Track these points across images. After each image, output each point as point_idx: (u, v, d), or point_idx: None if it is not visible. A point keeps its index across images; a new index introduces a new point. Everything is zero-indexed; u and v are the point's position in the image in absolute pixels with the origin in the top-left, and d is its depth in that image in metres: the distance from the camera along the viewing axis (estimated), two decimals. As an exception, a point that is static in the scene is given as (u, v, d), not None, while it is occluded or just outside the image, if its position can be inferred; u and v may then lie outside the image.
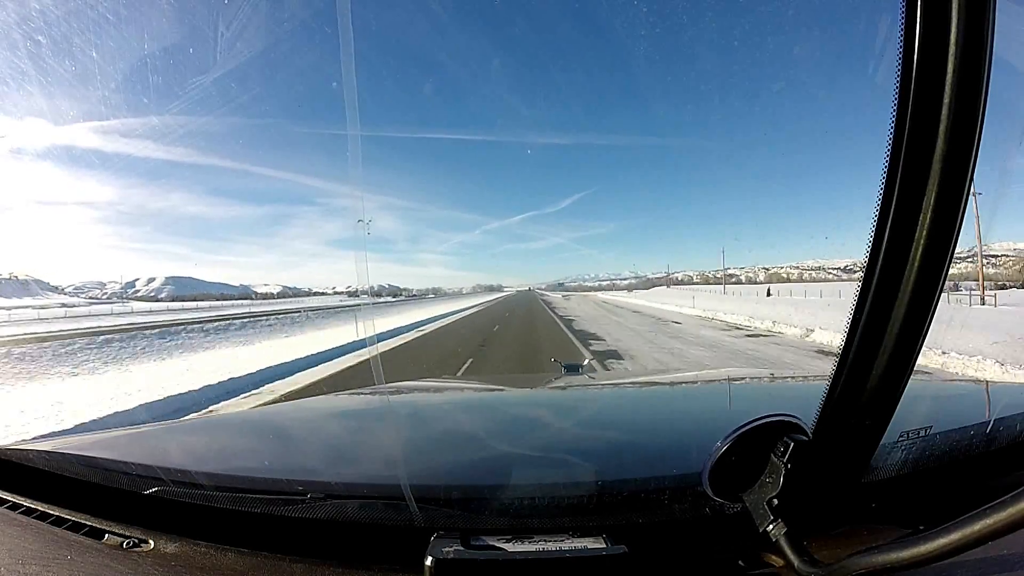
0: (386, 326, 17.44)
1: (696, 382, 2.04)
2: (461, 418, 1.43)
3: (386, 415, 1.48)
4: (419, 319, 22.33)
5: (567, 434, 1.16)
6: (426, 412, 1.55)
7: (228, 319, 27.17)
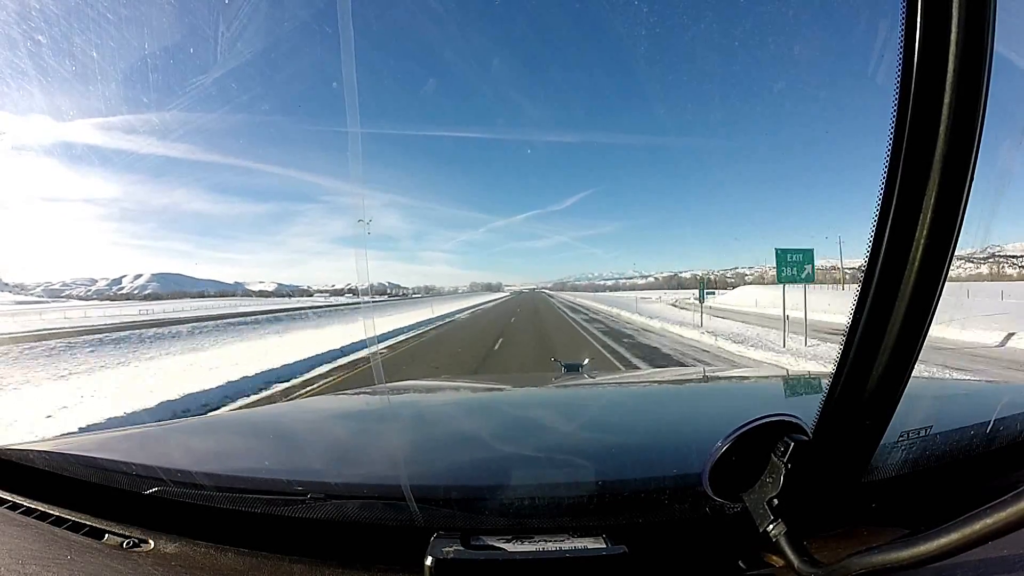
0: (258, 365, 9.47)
1: (696, 382, 2.04)
2: (461, 418, 1.43)
3: (386, 415, 1.48)
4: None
5: (567, 434, 1.16)
6: (426, 412, 1.55)
7: (142, 326, 20.41)
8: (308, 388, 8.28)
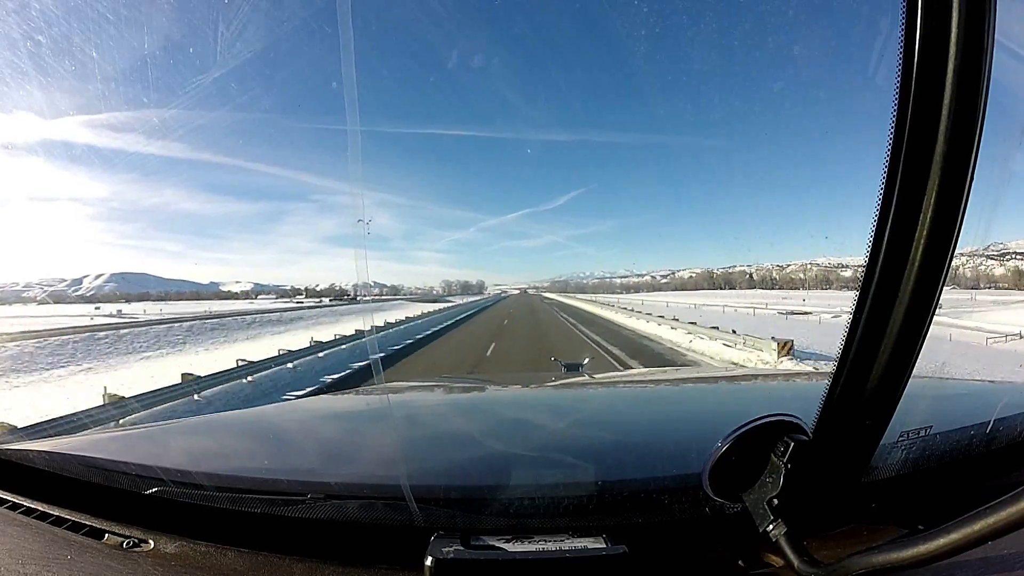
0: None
1: (696, 382, 2.04)
2: (461, 418, 1.43)
3: (386, 415, 1.47)
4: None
5: (567, 434, 1.16)
6: (426, 412, 1.55)
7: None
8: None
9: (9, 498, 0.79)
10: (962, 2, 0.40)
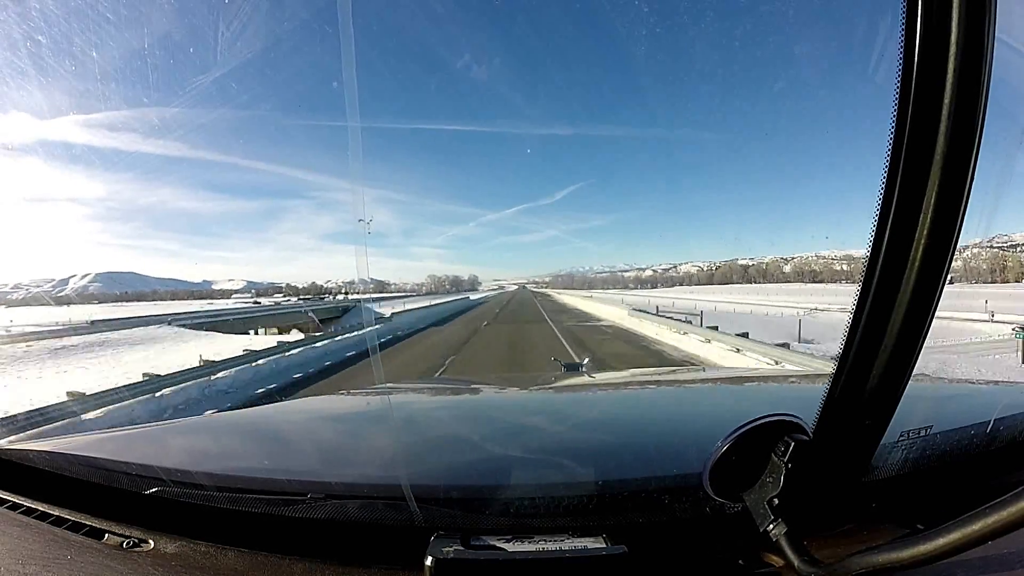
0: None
1: (696, 382, 2.05)
2: (461, 418, 1.43)
3: (386, 415, 1.47)
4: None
5: (567, 434, 1.16)
6: (426, 412, 1.55)
7: None
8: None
9: (9, 498, 0.79)
10: (962, 2, 0.40)
